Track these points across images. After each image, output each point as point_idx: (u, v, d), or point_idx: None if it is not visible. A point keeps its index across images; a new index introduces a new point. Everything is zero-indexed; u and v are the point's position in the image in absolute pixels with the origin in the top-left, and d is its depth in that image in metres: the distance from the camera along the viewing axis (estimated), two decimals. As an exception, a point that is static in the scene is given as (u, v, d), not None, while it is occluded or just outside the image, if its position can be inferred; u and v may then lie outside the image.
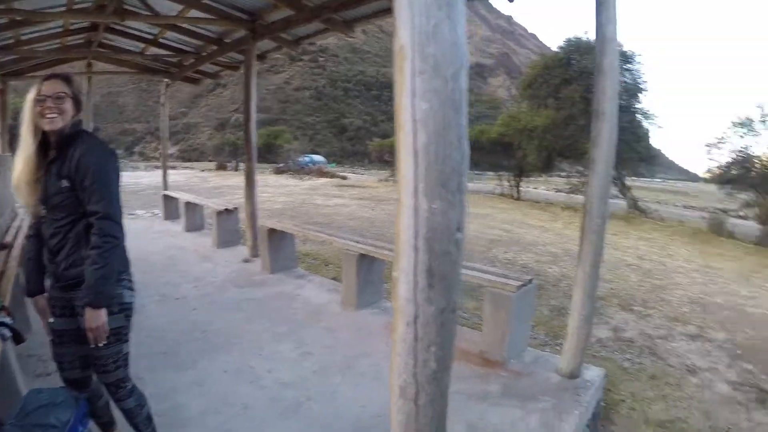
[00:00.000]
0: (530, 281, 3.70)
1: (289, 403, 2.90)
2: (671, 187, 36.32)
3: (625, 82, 14.40)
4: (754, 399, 4.08)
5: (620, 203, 14.14)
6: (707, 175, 14.61)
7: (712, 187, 13.92)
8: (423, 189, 0.98)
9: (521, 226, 10.92)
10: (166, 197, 8.66)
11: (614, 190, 14.39)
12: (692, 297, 6.34)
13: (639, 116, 14.67)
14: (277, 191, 16.46)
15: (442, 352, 1.08)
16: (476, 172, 20.95)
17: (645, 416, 3.75)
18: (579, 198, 13.53)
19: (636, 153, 14.29)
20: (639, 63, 14.81)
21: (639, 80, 14.69)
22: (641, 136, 14.85)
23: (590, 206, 2.94)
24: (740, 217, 13.74)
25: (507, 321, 3.47)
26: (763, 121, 12.46)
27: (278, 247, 5.44)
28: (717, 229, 11.76)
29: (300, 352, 3.68)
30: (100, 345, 1.73)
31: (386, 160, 30.93)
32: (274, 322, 4.21)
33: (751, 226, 12.02)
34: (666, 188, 36.73)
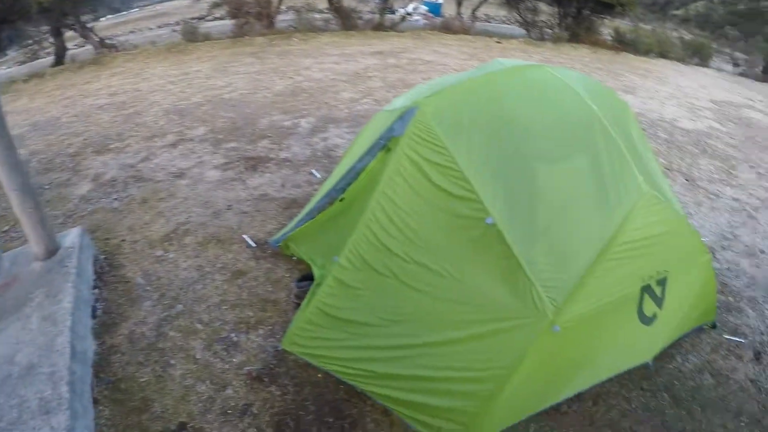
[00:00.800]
0: None
1: None
2: (150, 12, 34.91)
3: None
4: (244, 169, 4.36)
5: (88, 49, 12.35)
6: None
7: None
8: None
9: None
10: None
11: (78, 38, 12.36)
12: (169, 108, 6.13)
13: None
14: None
15: None
16: None
17: (149, 241, 3.42)
18: None
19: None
20: None
21: None
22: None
23: None
24: (216, 18, 14.29)
25: None
26: None
27: None
28: (191, 36, 11.91)
29: None
30: None
31: None
32: None
33: (225, 24, 12.72)
34: (145, 15, 35.17)
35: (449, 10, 18.32)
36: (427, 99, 2.46)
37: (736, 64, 16.75)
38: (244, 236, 3.49)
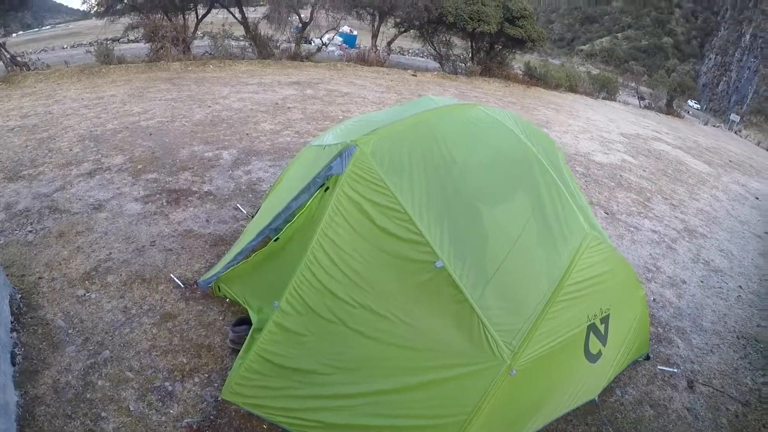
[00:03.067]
0: None
1: None
2: (63, 30, 32.73)
3: None
4: (166, 202, 4.36)
5: None
6: (88, 8, 13.23)
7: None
8: None
9: None
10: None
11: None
12: (84, 134, 5.93)
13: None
14: None
15: None
16: None
17: (68, 279, 3.34)
18: None
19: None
20: None
21: None
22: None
23: None
24: (131, 41, 13.74)
25: None
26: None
27: None
28: (106, 58, 11.42)
29: None
30: None
31: None
32: None
33: (141, 47, 12.31)
34: (58, 34, 32.92)
35: (364, 42, 19.01)
36: (366, 137, 2.40)
37: (641, 98, 18.73)
38: (172, 275, 3.30)
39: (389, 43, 15.21)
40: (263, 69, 11.18)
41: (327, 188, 2.54)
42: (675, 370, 3.19)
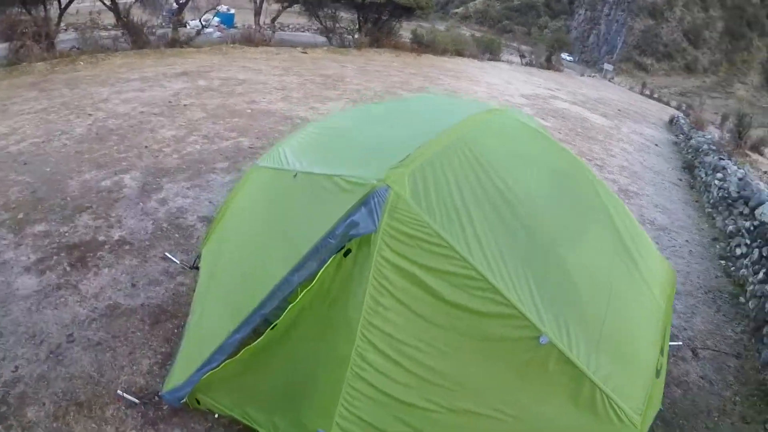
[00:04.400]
0: None
1: None
2: None
3: None
4: (68, 266, 3.16)
5: None
6: None
7: None
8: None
9: None
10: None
11: None
12: None
13: None
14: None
15: None
16: None
17: None
18: None
19: None
20: None
21: None
22: None
23: None
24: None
25: None
26: None
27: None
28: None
29: None
30: None
31: None
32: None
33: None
34: None
35: (242, 20, 17.53)
36: (397, 173, 1.74)
37: (522, 56, 19.65)
38: (119, 391, 2.31)
39: (273, 20, 13.86)
40: (142, 60, 9.33)
41: (347, 251, 1.81)
42: (679, 343, 3.19)
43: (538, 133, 2.25)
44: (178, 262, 3.32)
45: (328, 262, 1.81)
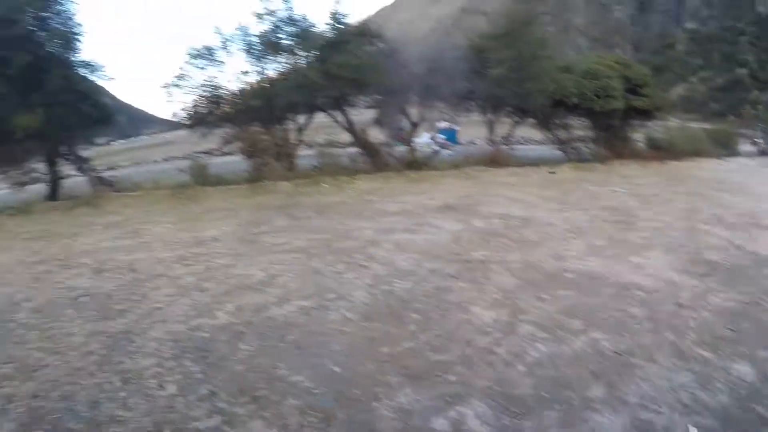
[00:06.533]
0: None
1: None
2: (159, 140, 34.04)
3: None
4: None
5: (83, 181, 10.62)
6: (178, 118, 12.42)
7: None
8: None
9: None
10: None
11: (71, 169, 10.47)
12: (181, 336, 3.58)
13: (81, 70, 10.00)
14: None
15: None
16: None
17: None
18: None
19: (86, 115, 9.87)
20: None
21: (71, 24, 9.69)
22: (88, 93, 10.22)
23: None
24: (225, 154, 12.57)
25: None
26: (225, 48, 10.45)
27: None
28: (200, 178, 10.04)
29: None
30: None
31: None
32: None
33: (238, 160, 10.99)
34: (152, 143, 34.39)
35: (463, 136, 17.95)
36: None
37: (753, 143, 18.82)
38: None
39: (508, 137, 13.18)
40: (389, 186, 9.17)
41: None
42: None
43: None
44: None
45: None
